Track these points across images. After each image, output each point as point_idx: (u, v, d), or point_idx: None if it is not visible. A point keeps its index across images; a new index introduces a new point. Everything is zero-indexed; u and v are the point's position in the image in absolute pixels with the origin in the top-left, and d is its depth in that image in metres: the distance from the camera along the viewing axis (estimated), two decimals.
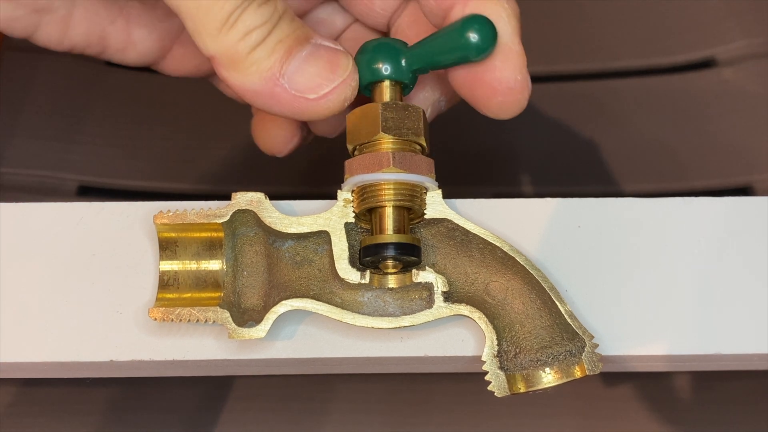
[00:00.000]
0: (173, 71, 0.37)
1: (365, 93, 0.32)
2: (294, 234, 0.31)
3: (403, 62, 0.31)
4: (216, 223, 0.31)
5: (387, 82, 0.31)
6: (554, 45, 0.54)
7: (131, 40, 0.35)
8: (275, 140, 0.37)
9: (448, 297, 0.30)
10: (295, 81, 0.29)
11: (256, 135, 0.38)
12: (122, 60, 0.35)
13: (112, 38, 0.34)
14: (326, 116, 0.30)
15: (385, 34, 0.36)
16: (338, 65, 0.30)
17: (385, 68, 0.31)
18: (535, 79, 0.55)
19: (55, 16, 0.33)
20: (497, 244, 0.31)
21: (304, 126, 0.38)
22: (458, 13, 0.31)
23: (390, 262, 0.30)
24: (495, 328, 0.30)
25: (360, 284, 0.30)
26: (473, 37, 0.29)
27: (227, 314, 0.30)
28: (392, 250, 0.30)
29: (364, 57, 0.31)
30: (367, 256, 0.30)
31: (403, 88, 0.32)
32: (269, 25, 0.29)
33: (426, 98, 0.35)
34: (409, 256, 0.30)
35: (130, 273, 0.32)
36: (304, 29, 0.30)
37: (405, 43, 0.32)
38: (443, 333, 0.31)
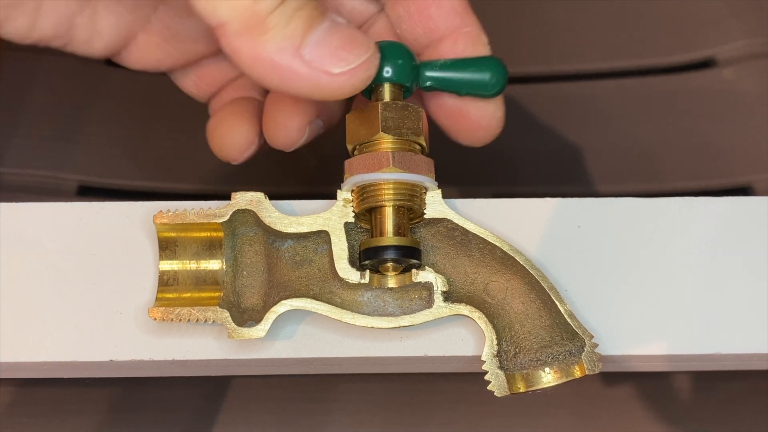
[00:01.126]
0: (135, 63, 0.35)
1: (365, 95, 0.32)
2: (294, 234, 0.31)
3: (424, 73, 0.32)
4: (216, 222, 0.31)
5: (389, 84, 0.31)
6: (554, 45, 0.54)
7: (97, 31, 0.33)
8: (232, 146, 0.35)
9: (448, 297, 0.30)
10: (318, 54, 0.27)
11: (211, 138, 0.36)
12: (87, 52, 0.34)
13: (79, 29, 0.33)
14: (345, 96, 0.29)
15: None
16: (361, 42, 0.28)
17: (395, 72, 0.31)
18: (535, 79, 0.55)
19: (24, 8, 0.32)
20: (497, 243, 0.31)
21: (261, 134, 0.36)
22: (448, 47, 0.33)
23: (390, 265, 0.30)
24: (495, 327, 0.30)
25: (360, 284, 0.30)
26: (494, 78, 0.32)
27: (227, 314, 0.30)
28: (392, 252, 0.30)
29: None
30: (367, 259, 0.30)
31: (404, 91, 0.32)
32: None
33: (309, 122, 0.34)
34: (410, 259, 0.30)
35: (130, 273, 0.32)
36: (319, 3, 0.28)
37: (409, 48, 0.32)
38: (443, 333, 0.31)
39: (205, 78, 0.37)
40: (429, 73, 0.32)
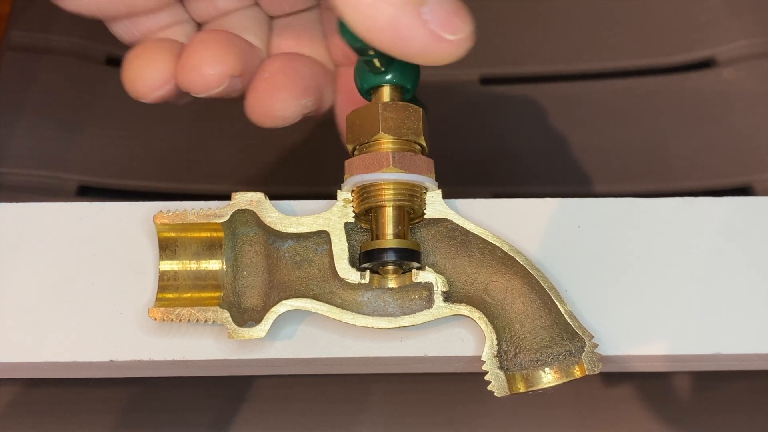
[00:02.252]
0: (71, 6, 0.33)
1: (365, 97, 0.32)
2: (294, 234, 0.31)
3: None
4: (216, 223, 0.31)
5: (389, 85, 0.31)
6: (554, 45, 0.54)
7: None
8: (144, 81, 0.33)
9: (448, 297, 0.30)
10: (436, 17, 0.26)
11: (125, 72, 0.34)
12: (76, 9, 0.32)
13: None
14: (448, 62, 0.27)
15: None
16: (467, 12, 0.27)
17: (394, 73, 0.31)
18: (536, 79, 0.55)
19: None
20: (497, 244, 0.31)
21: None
22: None
23: (390, 267, 0.30)
24: (495, 328, 0.30)
25: (360, 284, 0.30)
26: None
27: (227, 314, 0.30)
28: (392, 255, 0.30)
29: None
30: (367, 261, 0.30)
31: (404, 92, 0.32)
32: None
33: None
34: (410, 261, 0.30)
35: (130, 273, 0.32)
36: None
37: None
38: (443, 333, 0.31)
39: (140, 27, 0.35)
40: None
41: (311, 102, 0.35)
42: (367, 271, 0.30)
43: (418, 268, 0.30)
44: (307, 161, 0.48)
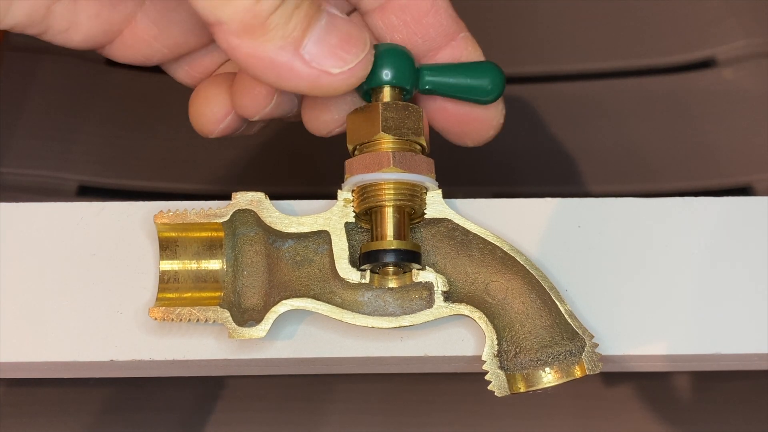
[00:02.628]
0: (121, 58, 0.35)
1: (365, 98, 0.32)
2: (294, 234, 0.31)
3: (423, 77, 0.32)
4: (216, 222, 0.31)
5: (389, 87, 0.31)
6: (554, 45, 0.54)
7: (76, 22, 0.32)
8: (207, 117, 0.34)
9: (448, 297, 0.30)
10: (317, 53, 0.27)
11: (190, 111, 0.35)
12: (65, 42, 0.33)
13: (56, 17, 0.32)
14: (342, 93, 0.29)
15: None
16: (359, 38, 0.28)
17: (395, 75, 0.31)
18: (535, 79, 0.55)
19: None
20: (497, 243, 0.31)
21: (239, 117, 0.35)
22: (449, 54, 0.33)
23: (390, 269, 0.30)
24: (495, 327, 0.30)
25: (360, 284, 0.30)
26: (492, 84, 0.32)
27: (227, 314, 0.30)
28: (392, 256, 0.30)
29: (376, 61, 0.31)
30: (367, 262, 0.30)
31: (404, 93, 0.32)
32: None
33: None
34: (410, 262, 0.30)
35: (130, 273, 0.32)
36: None
37: (409, 51, 0.32)
38: (443, 333, 0.31)
39: (197, 67, 0.36)
40: (429, 77, 0.32)
41: (295, 101, 0.35)
42: (368, 271, 0.30)
43: (419, 268, 0.30)
44: (307, 161, 0.48)
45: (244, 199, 0.31)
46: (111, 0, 0.33)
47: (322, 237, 0.31)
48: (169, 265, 0.31)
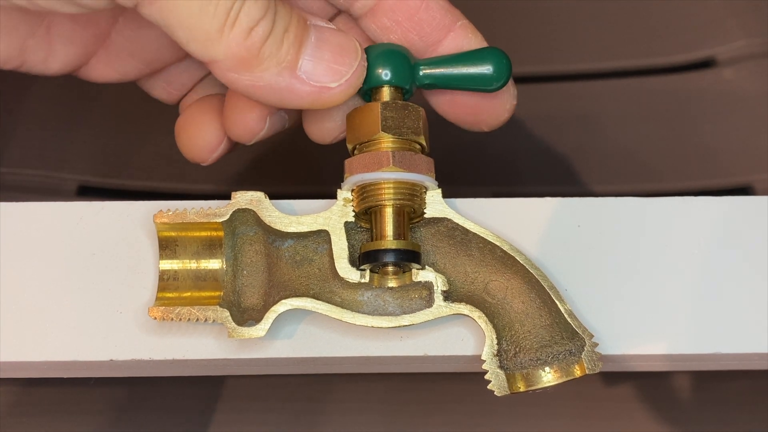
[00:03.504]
0: (98, 77, 0.35)
1: (365, 98, 0.32)
2: (294, 233, 0.31)
3: (419, 72, 0.31)
4: (216, 222, 0.31)
5: (388, 87, 0.31)
6: (554, 45, 0.54)
7: (52, 51, 0.32)
8: (201, 146, 0.35)
9: (448, 296, 0.30)
10: (313, 71, 0.28)
11: (179, 140, 0.35)
12: (44, 71, 0.33)
13: (31, 51, 0.32)
14: (343, 102, 0.30)
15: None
16: (349, 48, 0.29)
17: (392, 75, 0.31)
18: (535, 79, 0.55)
19: None
20: (497, 243, 0.31)
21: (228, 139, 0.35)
22: (449, 45, 0.32)
23: (390, 268, 0.30)
24: (495, 327, 0.30)
25: (360, 283, 0.30)
26: (497, 70, 0.31)
27: (227, 313, 0.30)
28: (392, 256, 0.29)
29: (372, 62, 0.31)
30: (366, 262, 0.30)
31: (404, 93, 0.32)
32: (271, 15, 0.27)
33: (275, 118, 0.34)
34: (409, 262, 0.30)
35: (130, 272, 0.32)
36: (297, 11, 0.29)
37: (408, 50, 0.32)
38: (443, 332, 0.31)
39: (174, 83, 0.36)
40: (426, 71, 0.32)
41: (284, 117, 0.35)
42: (367, 271, 0.30)
43: (418, 268, 0.30)
44: (307, 161, 0.48)
45: (244, 198, 0.31)
46: (84, 22, 0.33)
47: (322, 236, 0.31)
48: (168, 264, 0.31)
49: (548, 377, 0.30)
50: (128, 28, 0.33)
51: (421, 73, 0.31)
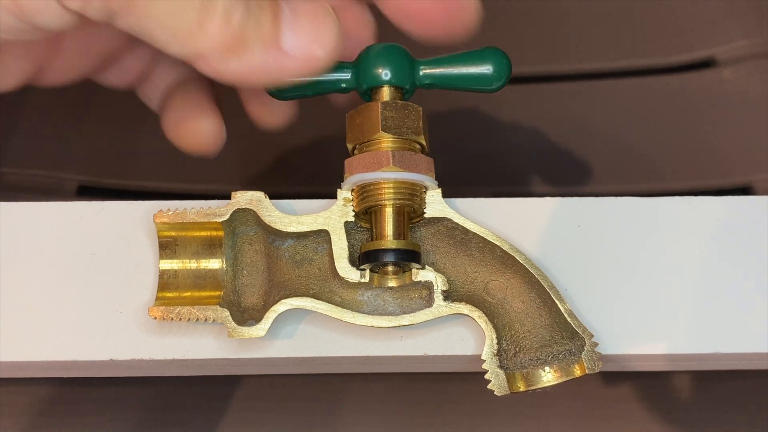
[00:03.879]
0: (57, 82, 0.34)
1: (365, 98, 0.32)
2: (294, 233, 0.31)
3: (419, 72, 0.32)
4: (216, 222, 0.31)
5: (388, 86, 0.31)
6: (553, 45, 0.54)
7: (4, 69, 0.32)
8: (206, 140, 0.34)
9: (448, 296, 0.30)
10: (296, 42, 0.28)
11: (178, 137, 0.35)
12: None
13: None
14: (329, 67, 0.29)
15: None
16: (324, 13, 0.28)
17: (392, 75, 0.31)
18: (535, 79, 0.55)
19: None
20: (497, 243, 0.31)
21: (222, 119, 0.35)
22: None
23: (390, 268, 0.30)
24: (495, 326, 0.30)
25: (360, 283, 0.30)
26: (495, 72, 0.31)
27: (227, 313, 0.30)
28: (392, 256, 0.30)
29: (371, 61, 0.31)
30: (366, 262, 0.30)
31: (404, 92, 0.32)
32: None
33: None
34: (409, 261, 0.30)
35: (130, 272, 0.32)
36: None
37: (407, 50, 0.32)
38: (443, 332, 0.31)
39: (128, 70, 0.36)
40: (426, 71, 0.32)
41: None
42: (367, 271, 0.30)
43: (418, 268, 0.30)
44: (307, 161, 0.48)
45: (244, 198, 0.31)
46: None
47: (322, 236, 0.31)
48: (168, 264, 0.31)
49: (548, 377, 0.30)
50: (82, 30, 0.32)
51: (421, 72, 0.32)
